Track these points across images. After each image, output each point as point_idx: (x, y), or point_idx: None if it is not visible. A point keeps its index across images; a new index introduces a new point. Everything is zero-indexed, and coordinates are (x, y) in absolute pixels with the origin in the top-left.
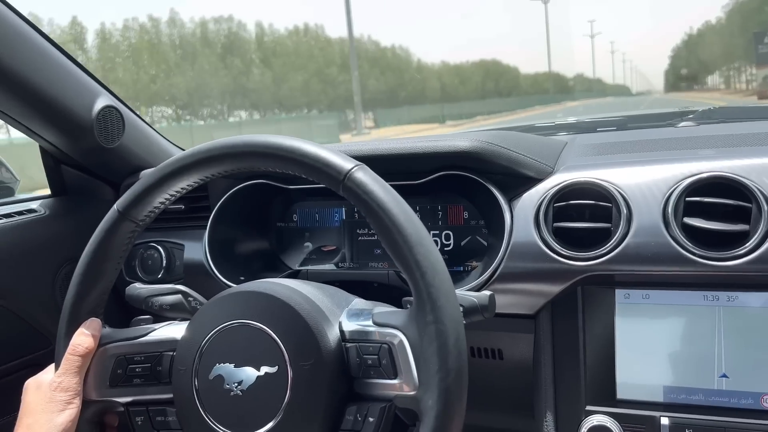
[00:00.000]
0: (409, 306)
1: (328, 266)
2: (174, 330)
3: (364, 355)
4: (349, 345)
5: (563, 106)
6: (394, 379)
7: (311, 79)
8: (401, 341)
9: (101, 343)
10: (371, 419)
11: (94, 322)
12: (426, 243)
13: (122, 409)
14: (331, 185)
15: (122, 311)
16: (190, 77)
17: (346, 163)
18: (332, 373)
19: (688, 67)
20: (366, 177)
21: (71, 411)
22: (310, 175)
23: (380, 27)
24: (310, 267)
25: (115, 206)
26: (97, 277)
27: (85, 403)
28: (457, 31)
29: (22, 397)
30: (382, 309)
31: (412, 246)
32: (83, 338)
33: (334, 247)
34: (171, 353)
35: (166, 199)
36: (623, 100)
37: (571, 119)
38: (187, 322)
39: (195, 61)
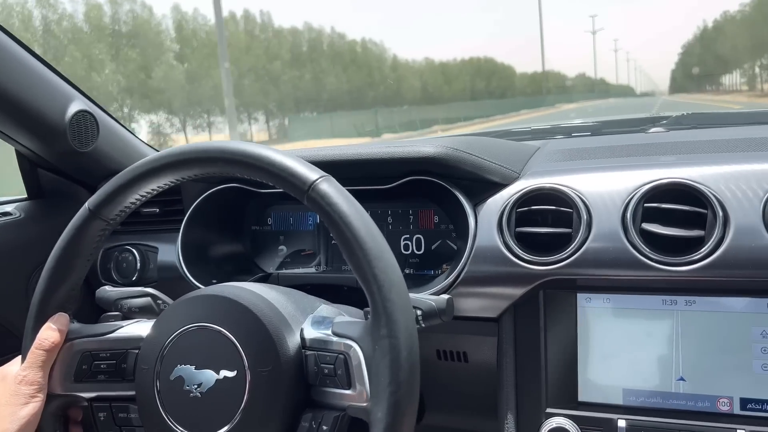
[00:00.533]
0: (369, 317)
1: (300, 270)
2: (140, 328)
3: (321, 364)
4: (308, 353)
5: (558, 109)
6: (348, 389)
7: (247, 76)
8: (356, 353)
9: (68, 338)
10: (325, 427)
11: (62, 317)
12: (385, 257)
13: (86, 403)
14: (296, 195)
15: (97, 312)
16: (69, 73)
17: (311, 174)
18: (290, 380)
19: (701, 64)
20: (330, 188)
21: (35, 404)
22: (276, 183)
23: (352, 19)
24: (281, 271)
25: (86, 204)
26: (66, 272)
27: (50, 397)
28: (444, 26)
29: None
30: (343, 319)
31: (371, 260)
32: (50, 333)
33: (312, 252)
34: (136, 351)
35: (137, 199)
36: (628, 102)
37: (549, 124)
38: (153, 321)
39: (74, 53)
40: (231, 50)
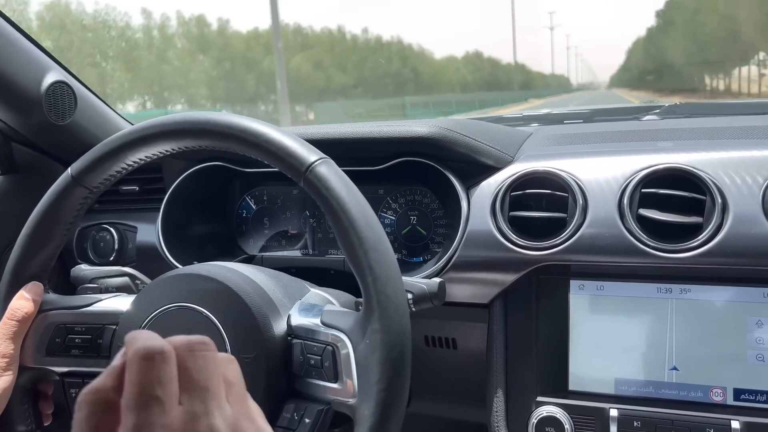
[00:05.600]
0: (361, 308)
1: (285, 252)
2: (120, 303)
3: (308, 354)
4: (294, 341)
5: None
6: (335, 383)
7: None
8: (345, 345)
9: (42, 309)
10: (307, 420)
11: (36, 287)
12: (382, 249)
13: (57, 378)
14: (293, 176)
15: (72, 292)
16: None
17: (310, 155)
18: (273, 368)
19: (651, 60)
20: (329, 172)
21: (6, 378)
22: (271, 162)
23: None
24: (265, 253)
25: (68, 170)
26: (43, 240)
27: (20, 369)
28: None
29: None
30: (332, 308)
31: (367, 250)
32: (23, 302)
33: (296, 232)
34: (114, 327)
35: (122, 168)
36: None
37: (540, 111)
38: (134, 296)
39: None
40: None
